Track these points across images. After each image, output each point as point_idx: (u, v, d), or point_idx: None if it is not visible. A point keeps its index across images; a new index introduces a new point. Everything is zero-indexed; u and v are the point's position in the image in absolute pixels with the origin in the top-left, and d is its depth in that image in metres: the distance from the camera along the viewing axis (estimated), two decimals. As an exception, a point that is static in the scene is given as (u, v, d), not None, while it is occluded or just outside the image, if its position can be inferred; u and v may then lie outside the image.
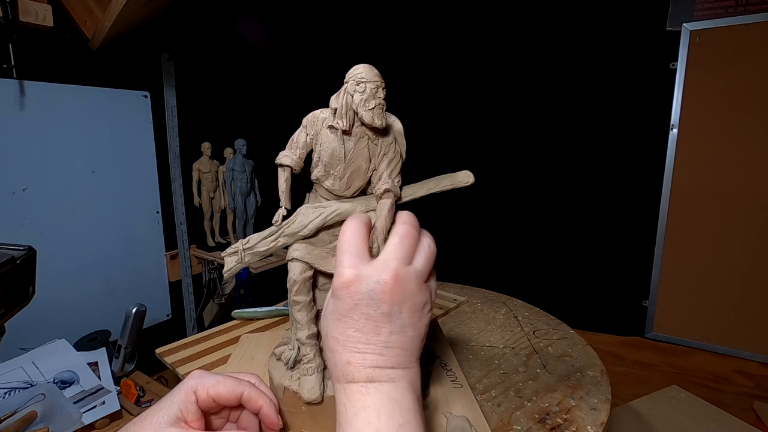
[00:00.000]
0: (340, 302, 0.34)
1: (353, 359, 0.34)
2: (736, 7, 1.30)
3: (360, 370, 0.33)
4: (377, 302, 0.33)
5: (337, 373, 0.35)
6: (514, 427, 0.51)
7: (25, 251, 0.51)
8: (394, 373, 0.34)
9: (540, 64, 1.66)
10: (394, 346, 0.34)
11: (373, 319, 0.34)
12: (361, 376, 0.33)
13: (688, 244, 1.44)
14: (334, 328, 0.35)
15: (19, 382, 0.76)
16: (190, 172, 1.66)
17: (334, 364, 0.35)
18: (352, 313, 0.34)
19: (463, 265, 1.89)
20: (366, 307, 0.33)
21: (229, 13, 1.74)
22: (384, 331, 0.34)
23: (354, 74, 0.42)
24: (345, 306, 0.34)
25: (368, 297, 0.33)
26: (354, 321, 0.34)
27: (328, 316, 0.36)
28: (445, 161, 1.55)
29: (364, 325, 0.33)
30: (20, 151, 1.19)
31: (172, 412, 0.35)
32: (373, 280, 0.34)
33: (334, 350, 0.35)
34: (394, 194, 0.46)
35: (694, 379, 1.46)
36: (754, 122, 1.32)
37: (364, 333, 0.33)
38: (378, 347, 0.34)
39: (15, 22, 1.08)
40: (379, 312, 0.33)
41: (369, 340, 0.33)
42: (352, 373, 0.33)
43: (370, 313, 0.34)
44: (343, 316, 0.34)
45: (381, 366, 0.33)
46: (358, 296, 0.33)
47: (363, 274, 0.34)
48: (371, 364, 0.33)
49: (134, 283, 1.51)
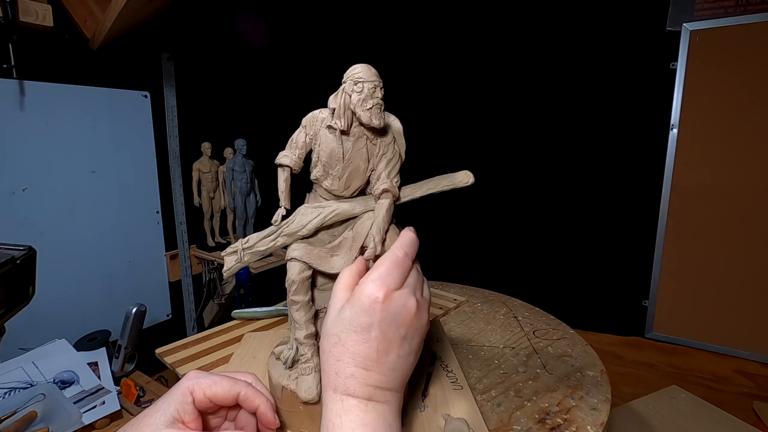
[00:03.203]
0: (362, 315, 0.34)
1: (358, 374, 0.34)
2: (736, 7, 1.30)
3: (362, 386, 0.34)
4: (398, 325, 0.35)
5: (335, 382, 0.34)
6: (514, 427, 0.51)
7: (25, 251, 0.51)
8: (390, 395, 0.35)
9: (540, 64, 1.66)
10: (397, 369, 0.35)
11: (389, 339, 0.34)
12: (362, 393, 0.34)
13: (688, 244, 1.44)
14: (348, 338, 0.34)
15: (19, 382, 0.76)
16: (190, 172, 1.66)
17: (336, 373, 0.34)
18: (371, 329, 0.34)
19: (463, 265, 1.89)
20: (387, 327, 0.34)
21: (229, 13, 1.74)
22: (393, 354, 0.35)
23: (352, 74, 0.42)
24: (365, 320, 0.34)
25: (392, 318, 0.35)
26: (371, 337, 0.34)
27: (342, 324, 0.35)
28: (444, 161, 1.56)
29: (379, 344, 0.34)
30: (20, 151, 1.19)
31: (169, 413, 0.35)
32: (401, 303, 0.35)
33: (340, 359, 0.34)
34: (393, 194, 0.46)
35: (694, 379, 1.46)
36: (754, 122, 1.31)
37: (377, 352, 0.34)
38: (384, 368, 0.34)
39: (15, 22, 1.08)
40: (399, 334, 0.35)
41: (379, 360, 0.34)
42: (353, 388, 0.34)
43: (389, 333, 0.34)
44: (362, 329, 0.34)
45: (382, 387, 0.34)
46: (383, 315, 0.34)
47: (394, 296, 0.35)
48: (374, 383, 0.34)
49: (134, 283, 1.51)
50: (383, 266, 0.36)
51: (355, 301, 0.35)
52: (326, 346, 0.36)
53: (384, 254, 0.38)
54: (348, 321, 0.35)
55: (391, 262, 0.36)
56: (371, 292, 0.34)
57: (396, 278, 0.36)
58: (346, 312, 0.35)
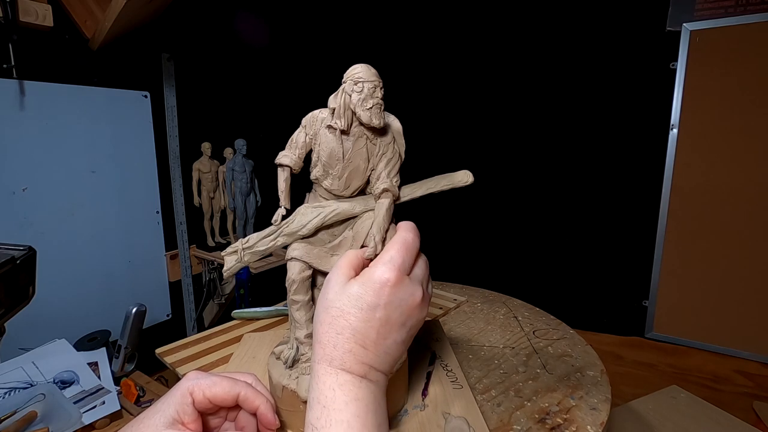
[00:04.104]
0: (371, 294, 0.35)
1: (356, 351, 0.34)
2: (736, 7, 1.30)
3: (359, 363, 0.34)
4: (402, 311, 0.36)
5: (331, 355, 0.34)
6: (514, 426, 0.51)
7: (25, 251, 0.51)
8: (381, 377, 0.36)
9: (540, 64, 1.66)
10: (389, 353, 0.36)
11: (391, 323, 0.35)
12: (358, 370, 0.34)
13: (688, 244, 1.44)
14: (352, 314, 0.35)
15: (19, 382, 0.76)
16: (190, 172, 1.66)
17: (334, 346, 0.34)
18: (377, 309, 0.35)
19: (463, 265, 1.89)
20: (392, 311, 0.35)
21: (229, 13, 1.74)
22: (391, 338, 0.36)
23: (351, 74, 0.42)
24: (373, 299, 0.35)
25: (398, 303, 0.35)
26: (375, 317, 0.35)
27: (347, 299, 0.35)
28: (444, 161, 1.56)
29: (381, 326, 0.35)
30: (20, 151, 1.19)
31: (169, 413, 0.35)
32: (409, 291, 0.36)
33: (340, 333, 0.34)
34: (393, 194, 0.46)
35: (694, 379, 1.46)
36: (754, 122, 1.31)
37: (377, 333, 0.35)
38: (380, 349, 0.35)
39: (15, 22, 1.08)
40: (400, 320, 0.36)
41: (377, 341, 0.35)
42: (349, 363, 0.34)
43: (393, 317, 0.35)
44: (368, 307, 0.35)
45: (375, 367, 0.35)
46: (390, 298, 0.35)
47: (404, 282, 0.36)
48: (369, 362, 0.35)
49: (134, 283, 1.51)
50: (393, 249, 0.37)
51: (365, 279, 0.36)
52: (326, 318, 0.35)
53: (393, 238, 0.38)
54: (355, 297, 0.35)
55: (400, 245, 0.37)
56: (382, 274, 0.35)
57: (407, 262, 0.37)
58: (353, 288, 0.35)
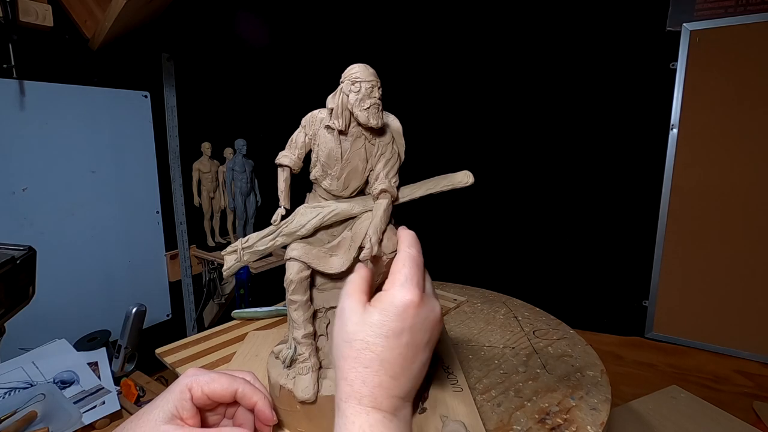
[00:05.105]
0: (395, 320, 0.32)
1: (386, 383, 0.32)
2: (736, 7, 1.30)
3: (389, 398, 0.32)
4: (425, 330, 0.34)
5: (360, 392, 0.31)
6: (514, 427, 0.51)
7: (25, 251, 0.51)
8: (406, 405, 0.33)
9: (540, 64, 1.66)
10: (415, 378, 0.34)
11: (416, 344, 0.33)
12: (388, 406, 0.32)
13: (688, 244, 1.44)
14: (378, 344, 0.32)
15: (19, 382, 0.76)
16: (190, 172, 1.66)
17: (363, 382, 0.31)
18: (403, 334, 0.32)
19: (463, 265, 1.89)
20: (417, 332, 0.33)
21: (229, 13, 1.74)
22: (418, 360, 0.34)
23: (349, 74, 0.42)
24: (398, 324, 0.32)
25: (422, 322, 0.34)
26: (402, 343, 0.32)
27: (369, 328, 0.33)
28: (444, 161, 1.55)
29: (408, 350, 0.33)
30: (20, 151, 1.19)
31: (168, 409, 0.35)
32: (430, 308, 0.35)
33: (368, 366, 0.32)
34: (391, 195, 0.46)
35: (694, 379, 1.46)
36: (754, 122, 1.31)
37: (405, 358, 0.33)
38: (409, 376, 0.33)
39: (15, 22, 1.08)
40: (424, 340, 0.34)
41: (404, 366, 0.32)
42: (380, 398, 0.31)
43: (417, 338, 0.33)
44: (394, 334, 0.32)
45: (403, 397, 0.33)
46: (415, 319, 0.33)
47: (424, 301, 0.34)
48: (398, 393, 0.32)
49: (134, 283, 1.51)
50: (406, 268, 0.35)
51: (386, 305, 0.33)
52: (349, 353, 0.33)
53: (398, 256, 0.37)
54: (378, 325, 0.32)
55: (411, 262, 0.35)
56: (404, 296, 0.33)
57: (420, 278, 0.35)
58: (374, 316, 0.33)
